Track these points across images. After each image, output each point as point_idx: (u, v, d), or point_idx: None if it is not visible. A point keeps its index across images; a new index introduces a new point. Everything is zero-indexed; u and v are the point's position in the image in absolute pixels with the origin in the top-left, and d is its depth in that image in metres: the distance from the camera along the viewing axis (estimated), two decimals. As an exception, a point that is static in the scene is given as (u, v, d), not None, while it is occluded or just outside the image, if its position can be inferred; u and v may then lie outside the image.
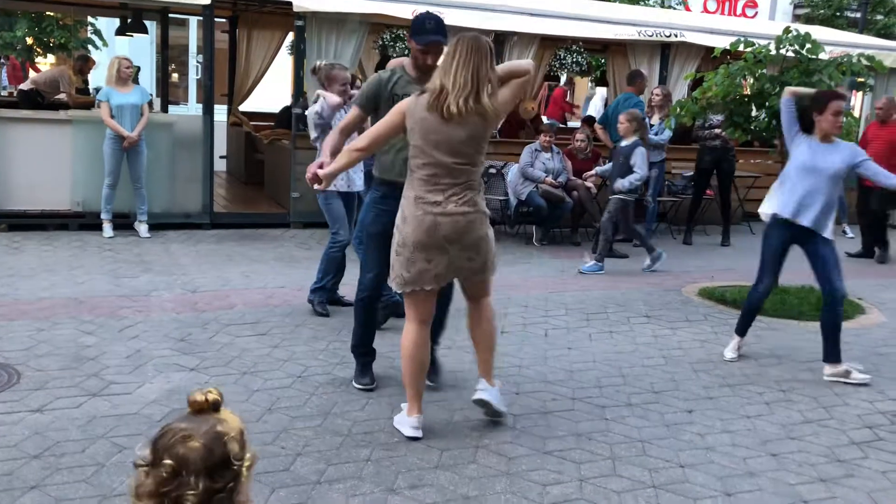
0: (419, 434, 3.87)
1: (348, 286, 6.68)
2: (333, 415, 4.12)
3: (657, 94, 9.51)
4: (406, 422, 3.91)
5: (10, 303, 5.77)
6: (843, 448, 4.07)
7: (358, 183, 6.05)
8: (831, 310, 5.01)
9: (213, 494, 1.51)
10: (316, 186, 4.03)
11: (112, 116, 8.00)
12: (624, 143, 8.05)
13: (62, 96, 10.57)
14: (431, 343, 4.30)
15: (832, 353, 5.02)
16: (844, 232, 11.06)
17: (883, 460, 3.95)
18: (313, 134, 5.79)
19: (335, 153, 4.18)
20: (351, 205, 6.07)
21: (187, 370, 4.64)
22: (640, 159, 7.88)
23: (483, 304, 4.05)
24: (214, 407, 1.55)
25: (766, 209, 5.34)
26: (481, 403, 4.04)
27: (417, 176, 3.77)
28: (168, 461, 1.51)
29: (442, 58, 3.82)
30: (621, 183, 7.91)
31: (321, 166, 4.10)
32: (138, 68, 10.84)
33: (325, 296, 6.00)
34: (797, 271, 7.24)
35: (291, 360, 4.89)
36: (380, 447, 3.76)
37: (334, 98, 5.70)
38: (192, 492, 1.50)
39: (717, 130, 9.13)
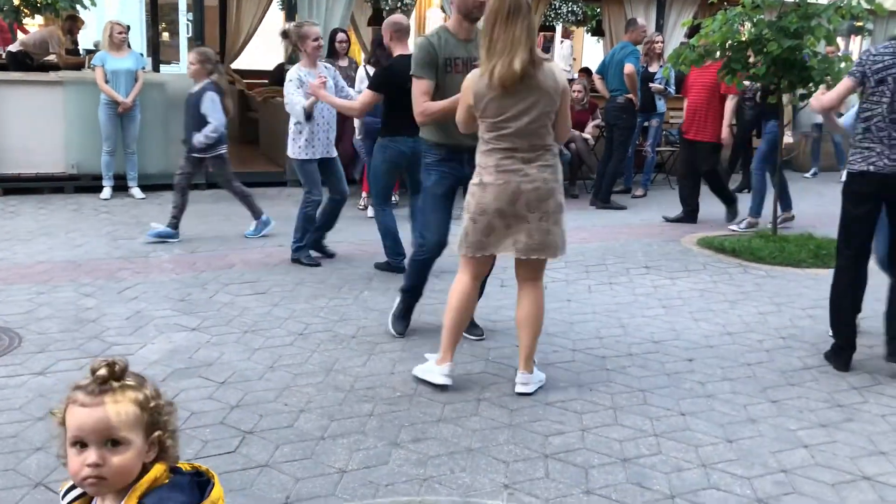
0: (449, 381, 3.90)
1: (346, 243, 6.67)
2: (335, 371, 4.13)
3: (659, 41, 9.39)
4: (437, 370, 3.92)
5: (8, 267, 5.75)
6: (842, 393, 4.09)
7: (332, 151, 6.18)
8: None
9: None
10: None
11: (107, 81, 7.92)
12: (194, 89, 6.63)
13: (52, 57, 10.43)
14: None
15: None
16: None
17: (882, 404, 3.97)
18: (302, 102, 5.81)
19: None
20: (332, 167, 6.18)
21: (188, 330, 4.65)
22: (210, 105, 6.49)
23: (537, 285, 3.94)
24: (118, 378, 1.52)
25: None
26: (523, 395, 3.92)
27: (493, 146, 3.72)
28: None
29: (482, 22, 3.76)
30: (197, 139, 6.51)
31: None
32: (128, 28, 10.67)
33: (307, 251, 6.18)
34: (795, 218, 7.25)
35: (292, 318, 4.90)
36: (382, 402, 3.78)
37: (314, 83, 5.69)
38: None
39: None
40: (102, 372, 1.48)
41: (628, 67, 8.61)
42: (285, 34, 6.07)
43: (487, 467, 3.23)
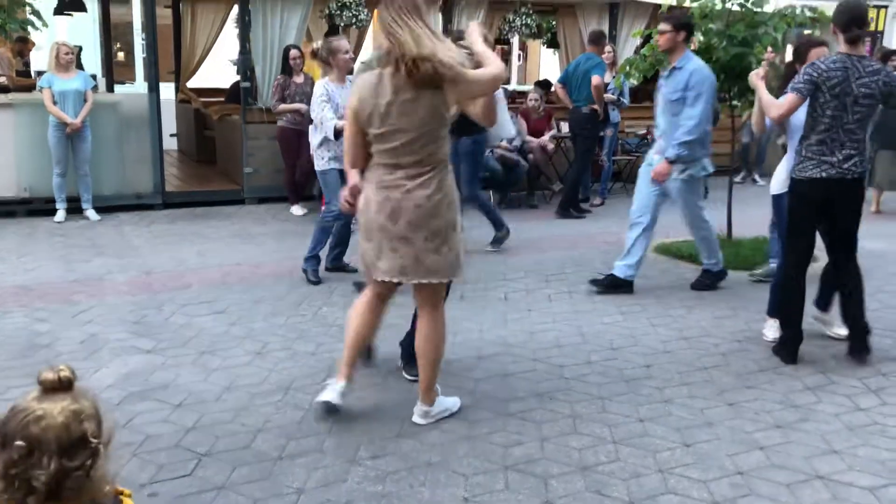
0: (334, 400, 3.65)
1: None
2: (294, 389, 4.10)
3: (609, 52, 9.51)
4: (330, 385, 3.72)
5: (-43, 294, 5.63)
6: (797, 394, 4.15)
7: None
8: None
9: (69, 473, 1.48)
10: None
11: (55, 103, 7.82)
12: None
13: (2, 79, 10.27)
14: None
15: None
16: (755, 180, 11.35)
17: (836, 403, 4.03)
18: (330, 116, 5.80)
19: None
20: (343, 181, 6.10)
21: (144, 352, 4.58)
22: None
23: (429, 316, 3.67)
24: (67, 385, 1.51)
25: None
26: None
27: (377, 161, 3.52)
28: (20, 442, 1.46)
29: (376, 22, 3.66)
30: None
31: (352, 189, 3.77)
32: (80, 48, 10.55)
33: (317, 265, 6.11)
34: (748, 222, 7.36)
35: (250, 337, 4.85)
36: (341, 419, 3.74)
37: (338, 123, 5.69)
38: (41, 472, 1.46)
39: None
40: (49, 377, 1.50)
41: (596, 79, 8.69)
42: (315, 54, 6.08)
43: (447, 481, 3.22)
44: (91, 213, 8.22)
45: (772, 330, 4.91)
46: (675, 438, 3.62)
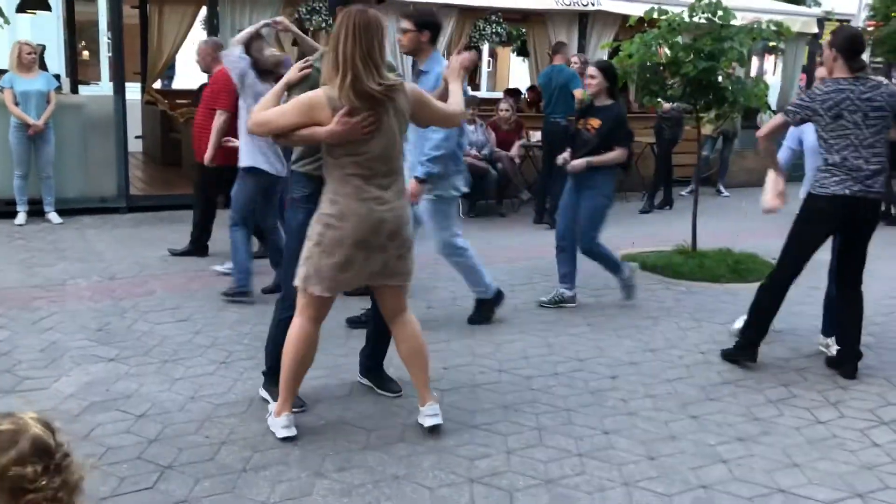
0: (292, 432, 3.62)
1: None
2: (259, 400, 4.05)
3: (575, 62, 9.57)
4: (276, 423, 3.65)
5: (-87, 299, 5.51)
6: (759, 407, 4.20)
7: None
8: None
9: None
10: None
11: (17, 104, 7.68)
12: None
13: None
14: (379, 360, 4.21)
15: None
16: (719, 191, 11.50)
17: (797, 416, 4.09)
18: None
19: None
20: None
21: (106, 361, 4.51)
22: None
23: (408, 317, 3.76)
24: None
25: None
26: (435, 429, 3.74)
27: (349, 172, 3.46)
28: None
29: (330, 38, 3.55)
30: None
31: None
32: (43, 47, 10.38)
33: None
34: (713, 234, 7.45)
35: (214, 346, 4.80)
36: (306, 431, 3.72)
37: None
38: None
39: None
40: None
41: (578, 93, 8.70)
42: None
43: (412, 494, 3.21)
44: (53, 217, 8.09)
45: (831, 348, 4.90)
46: (640, 451, 3.65)
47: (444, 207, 5.15)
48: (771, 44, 7.54)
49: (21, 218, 7.94)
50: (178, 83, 12.60)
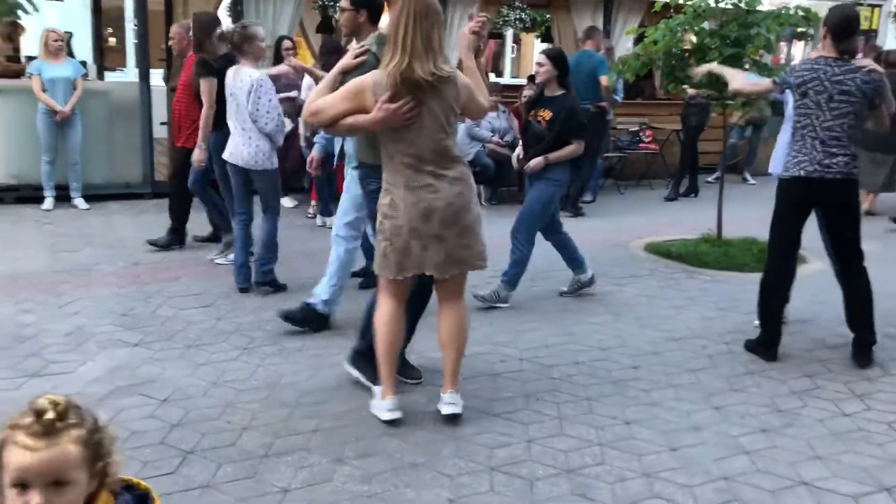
0: (397, 415, 3.69)
1: (294, 253, 6.58)
2: (281, 386, 4.09)
3: (604, 48, 9.49)
4: (381, 406, 3.73)
5: (-58, 283, 5.59)
6: (783, 398, 4.16)
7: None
8: None
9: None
10: None
11: (44, 90, 7.77)
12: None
13: (-9, 65, 10.17)
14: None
15: None
16: (746, 179, 11.35)
17: (820, 408, 4.05)
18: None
19: None
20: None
21: (130, 346, 4.56)
22: None
23: (460, 303, 3.78)
24: (63, 418, 1.47)
25: None
26: (453, 418, 3.76)
27: (399, 161, 3.51)
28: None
29: (387, 22, 3.58)
30: None
31: None
32: (70, 34, 10.45)
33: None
34: (739, 222, 7.37)
35: (237, 332, 4.83)
36: (328, 417, 3.74)
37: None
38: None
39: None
40: (49, 416, 1.45)
41: (604, 80, 8.60)
42: (225, 37, 5.90)
43: (432, 482, 3.22)
44: (80, 202, 8.18)
45: None
46: (662, 442, 3.63)
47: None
48: (799, 29, 7.38)
49: (48, 203, 8.04)
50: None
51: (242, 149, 5.47)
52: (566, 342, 4.87)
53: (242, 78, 5.37)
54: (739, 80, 4.93)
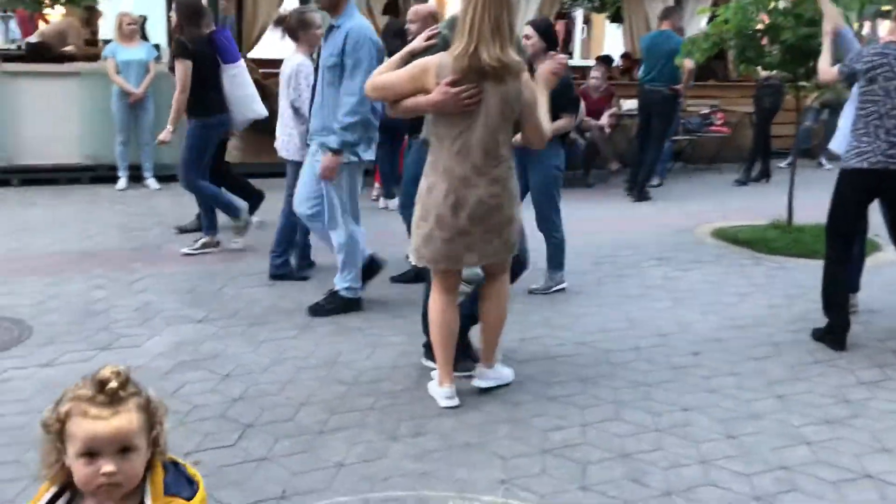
0: (454, 402, 3.68)
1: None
2: (339, 364, 4.14)
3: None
4: (439, 393, 3.72)
5: (21, 258, 5.82)
6: (850, 388, 4.03)
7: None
8: None
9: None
10: None
11: (118, 72, 8.00)
12: None
13: (70, 48, 10.51)
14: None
15: None
16: (821, 164, 10.94)
17: (889, 399, 3.91)
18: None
19: None
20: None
21: (195, 322, 4.68)
22: None
23: (503, 279, 3.78)
24: (124, 387, 1.52)
25: None
26: (484, 391, 3.84)
27: (447, 147, 3.47)
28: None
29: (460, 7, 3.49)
30: None
31: None
32: (145, 18, 10.72)
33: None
34: (811, 208, 7.15)
35: (298, 310, 4.91)
36: (384, 395, 3.78)
37: None
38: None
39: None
40: (113, 385, 1.51)
41: (688, 63, 8.35)
42: (281, 23, 5.74)
43: (485, 462, 3.22)
44: (152, 182, 8.41)
45: None
46: (720, 430, 3.56)
47: (346, 178, 4.73)
48: (885, 7, 7.09)
49: (122, 183, 8.29)
50: (257, 53, 12.73)
51: (279, 135, 5.50)
52: (625, 328, 4.81)
53: (287, 64, 5.41)
54: (824, 61, 4.72)
